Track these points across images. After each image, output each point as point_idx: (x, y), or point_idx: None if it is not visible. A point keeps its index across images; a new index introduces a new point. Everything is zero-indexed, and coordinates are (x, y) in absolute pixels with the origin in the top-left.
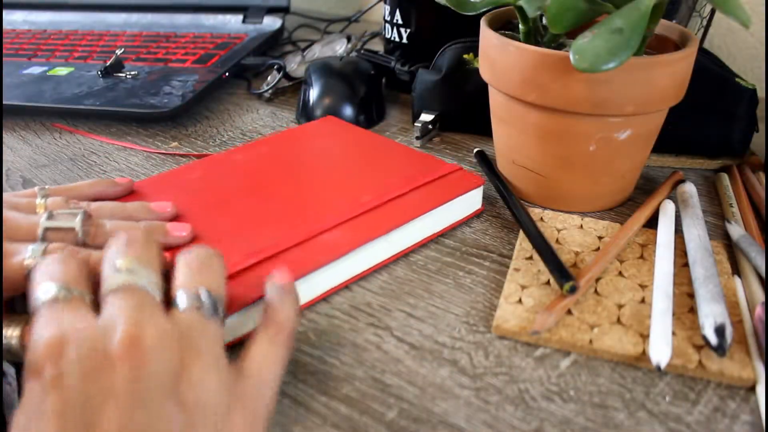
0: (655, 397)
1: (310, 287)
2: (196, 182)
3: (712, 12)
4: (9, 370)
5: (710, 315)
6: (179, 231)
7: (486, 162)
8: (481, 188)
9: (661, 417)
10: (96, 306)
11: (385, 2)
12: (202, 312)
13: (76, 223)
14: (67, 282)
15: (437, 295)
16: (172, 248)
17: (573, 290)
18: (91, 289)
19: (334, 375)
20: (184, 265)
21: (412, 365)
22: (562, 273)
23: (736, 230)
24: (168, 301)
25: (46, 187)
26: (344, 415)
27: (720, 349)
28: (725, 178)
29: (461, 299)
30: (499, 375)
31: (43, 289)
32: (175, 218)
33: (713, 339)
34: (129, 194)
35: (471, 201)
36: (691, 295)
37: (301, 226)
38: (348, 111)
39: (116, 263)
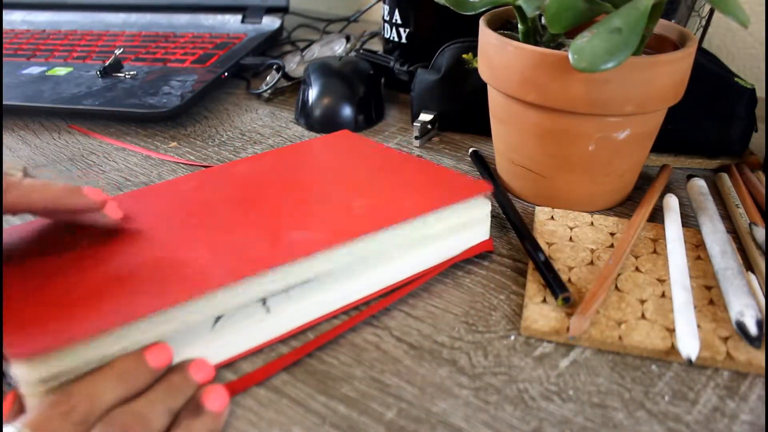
0: (654, 397)
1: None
2: (184, 194)
3: (711, 12)
4: (9, 370)
5: (750, 307)
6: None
7: (481, 162)
8: (488, 205)
9: (660, 417)
10: None
11: (384, 2)
12: None
13: None
14: None
15: (436, 294)
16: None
17: (567, 301)
18: None
19: (332, 375)
20: None
21: (411, 365)
22: (556, 286)
23: (760, 232)
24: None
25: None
26: (343, 415)
27: (757, 341)
28: (727, 178)
29: (460, 299)
30: (498, 375)
31: None
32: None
33: (755, 331)
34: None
35: (475, 226)
36: (709, 288)
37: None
38: (347, 111)
39: None
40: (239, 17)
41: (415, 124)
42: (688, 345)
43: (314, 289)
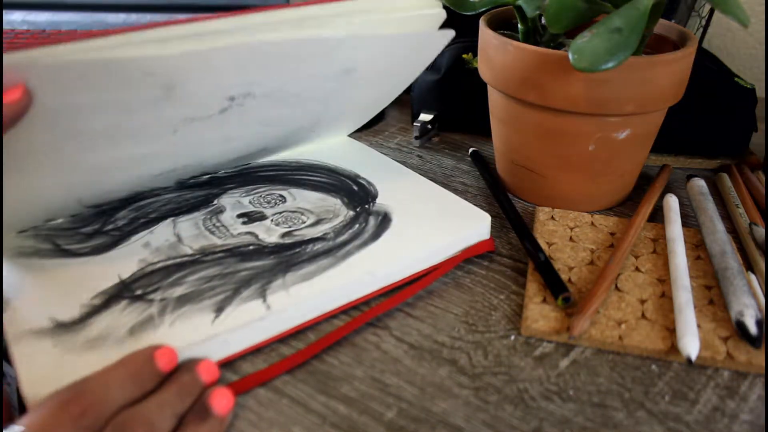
0: (655, 397)
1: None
2: None
3: (711, 11)
4: (9, 370)
5: (750, 307)
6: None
7: (481, 162)
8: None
9: (660, 416)
10: None
11: None
12: None
13: None
14: None
15: (436, 294)
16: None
17: (567, 301)
18: None
19: (333, 375)
20: None
21: (411, 365)
22: (556, 286)
23: (760, 232)
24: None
25: None
26: (343, 415)
27: (758, 341)
28: (727, 178)
29: (460, 299)
30: (498, 374)
31: None
32: None
33: (755, 331)
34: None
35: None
36: (709, 288)
37: None
38: None
39: None
40: None
41: (415, 124)
42: (688, 345)
43: (314, 285)
